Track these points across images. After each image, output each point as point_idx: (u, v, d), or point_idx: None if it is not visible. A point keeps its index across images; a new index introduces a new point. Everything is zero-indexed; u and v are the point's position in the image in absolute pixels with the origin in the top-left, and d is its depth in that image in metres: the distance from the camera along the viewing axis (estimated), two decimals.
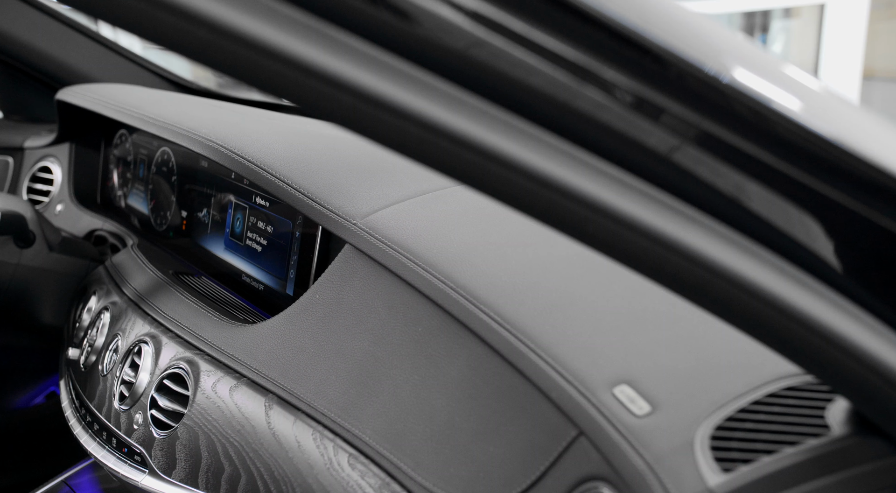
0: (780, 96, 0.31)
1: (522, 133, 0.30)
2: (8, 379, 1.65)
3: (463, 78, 0.30)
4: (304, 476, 0.62)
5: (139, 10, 0.26)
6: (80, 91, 1.21)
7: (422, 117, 0.29)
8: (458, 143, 0.30)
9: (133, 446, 0.77)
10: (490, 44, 0.29)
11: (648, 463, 0.39)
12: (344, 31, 0.28)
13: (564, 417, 0.46)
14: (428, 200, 0.74)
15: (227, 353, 0.74)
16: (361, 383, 0.63)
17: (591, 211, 0.30)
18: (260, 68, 0.27)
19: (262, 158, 0.77)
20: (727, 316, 0.32)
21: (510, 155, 0.30)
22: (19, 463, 1.63)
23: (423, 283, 0.61)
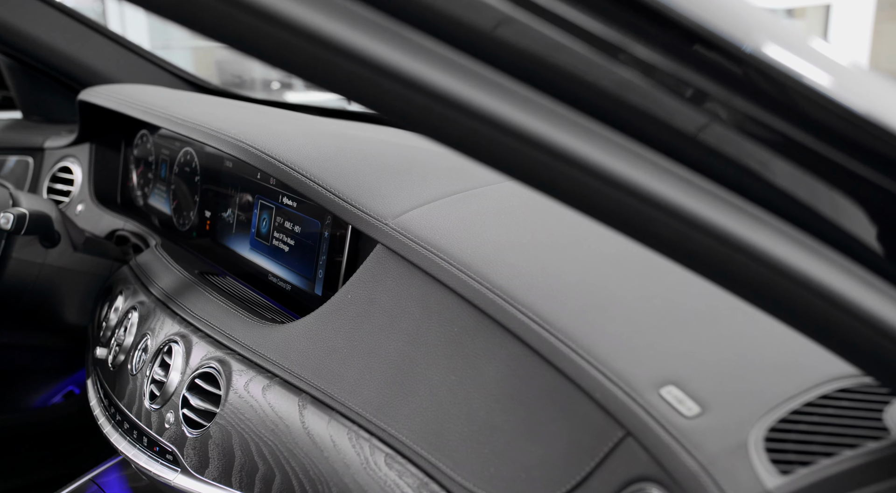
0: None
1: (592, 133, 0.30)
2: (26, 379, 1.66)
3: (533, 77, 0.30)
4: (341, 476, 0.62)
5: (218, 12, 0.26)
6: (102, 92, 1.21)
7: (493, 116, 0.29)
8: (529, 142, 0.29)
9: (164, 444, 0.77)
10: (568, 47, 0.29)
11: (702, 464, 0.38)
12: (417, 31, 0.28)
13: (610, 417, 0.46)
14: (458, 200, 0.74)
15: (259, 352, 0.74)
16: (396, 383, 0.63)
17: (657, 210, 0.30)
18: (337, 70, 0.27)
19: (293, 159, 0.77)
20: (791, 318, 0.32)
21: (582, 155, 0.29)
22: (37, 462, 1.63)
23: (457, 283, 0.61)
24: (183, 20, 0.28)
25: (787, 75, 0.30)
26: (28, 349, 1.62)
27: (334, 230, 0.81)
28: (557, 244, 0.65)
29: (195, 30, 0.28)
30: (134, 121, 1.30)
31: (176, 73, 1.55)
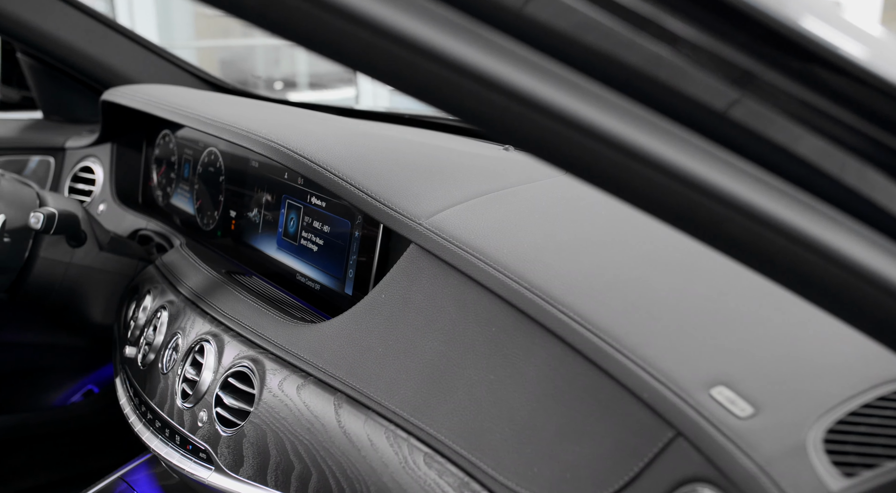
0: None
1: (669, 133, 0.30)
2: (46, 377, 1.66)
3: (603, 74, 0.29)
4: (379, 475, 0.62)
5: (301, 12, 0.26)
6: (127, 92, 1.21)
7: (574, 118, 0.29)
8: (603, 141, 0.29)
9: (198, 443, 0.77)
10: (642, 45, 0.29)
11: (760, 466, 0.38)
12: (497, 31, 0.28)
13: (658, 418, 0.46)
14: (491, 200, 0.74)
15: (292, 352, 0.74)
16: (434, 383, 0.62)
17: (731, 209, 0.30)
18: (418, 71, 0.26)
19: (325, 159, 0.76)
20: (862, 322, 0.31)
21: (660, 155, 0.29)
22: (57, 460, 1.64)
23: (495, 283, 0.61)
24: (259, 20, 0.28)
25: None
26: (48, 348, 1.63)
27: (365, 230, 0.81)
28: (594, 244, 0.65)
29: (275, 31, 0.28)
30: (155, 121, 1.30)
31: (195, 73, 1.55)
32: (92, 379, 1.70)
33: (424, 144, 0.92)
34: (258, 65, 6.36)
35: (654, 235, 0.66)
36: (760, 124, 0.30)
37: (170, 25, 5.12)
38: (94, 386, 1.70)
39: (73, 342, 1.64)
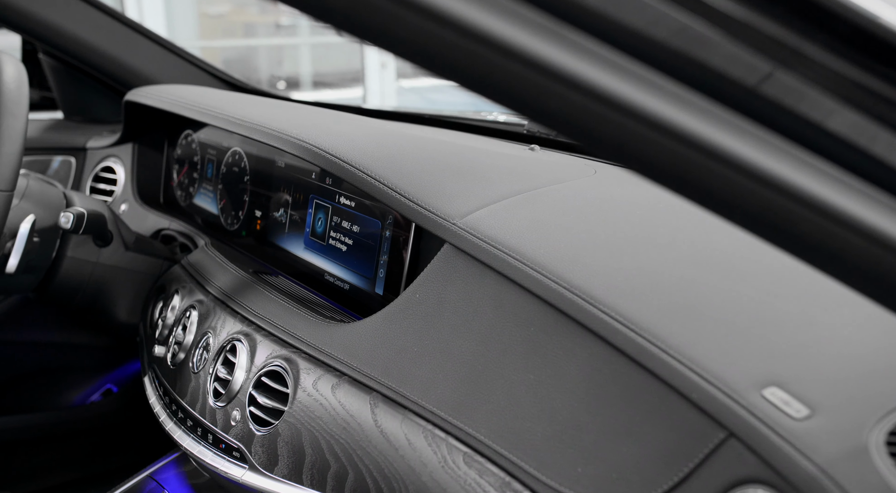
0: None
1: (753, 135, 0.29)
2: (65, 377, 1.67)
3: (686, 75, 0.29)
4: (418, 474, 0.62)
5: (385, 12, 0.26)
6: (150, 92, 1.21)
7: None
8: (687, 143, 0.29)
9: (231, 442, 0.77)
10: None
11: (821, 468, 0.38)
12: (580, 32, 0.27)
13: (709, 418, 0.46)
14: (524, 200, 0.73)
15: (325, 351, 0.74)
16: (472, 383, 0.62)
17: (807, 208, 0.29)
18: (504, 73, 0.26)
19: (358, 159, 0.76)
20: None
21: (741, 154, 0.29)
22: (77, 459, 1.64)
23: (533, 283, 0.61)
24: (341, 22, 0.28)
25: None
26: (67, 348, 1.63)
27: (396, 230, 0.81)
28: (632, 244, 0.64)
29: (355, 33, 0.28)
30: (177, 121, 1.30)
31: (214, 73, 1.56)
32: (111, 379, 1.70)
33: (453, 143, 0.92)
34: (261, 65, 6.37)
35: (691, 235, 0.66)
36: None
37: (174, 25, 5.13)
38: (113, 386, 1.70)
39: (93, 342, 1.64)
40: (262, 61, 6.47)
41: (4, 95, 0.89)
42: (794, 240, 0.31)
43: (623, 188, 0.81)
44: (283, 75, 6.36)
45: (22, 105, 0.90)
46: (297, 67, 6.38)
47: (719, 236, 0.66)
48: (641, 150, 0.29)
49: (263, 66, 6.45)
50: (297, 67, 6.39)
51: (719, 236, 0.66)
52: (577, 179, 0.82)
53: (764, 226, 0.31)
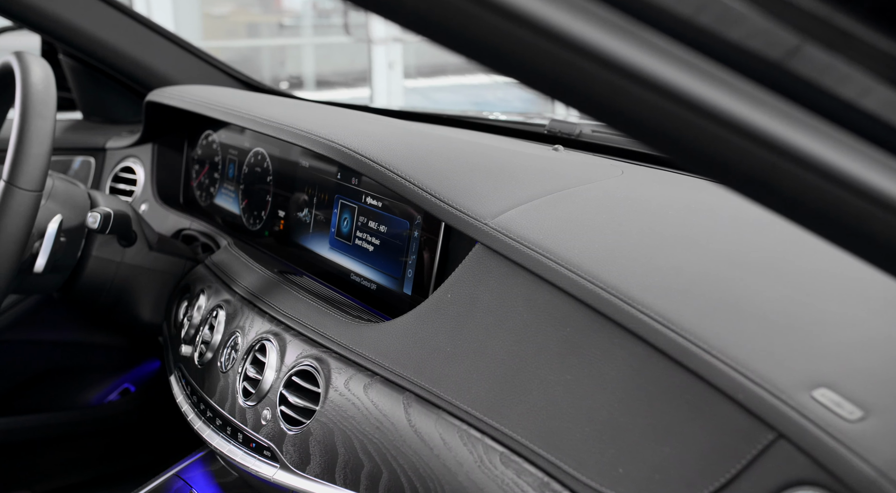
0: None
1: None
2: (83, 376, 1.67)
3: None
4: (454, 474, 0.61)
5: (464, 13, 0.26)
6: (173, 93, 1.21)
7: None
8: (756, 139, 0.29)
9: (262, 441, 0.77)
10: None
11: (880, 470, 0.38)
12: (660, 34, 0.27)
13: (756, 419, 0.45)
14: (555, 200, 0.73)
15: (356, 351, 0.74)
16: (507, 383, 0.62)
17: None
18: (591, 76, 0.26)
19: (387, 159, 0.76)
20: None
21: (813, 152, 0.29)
22: (95, 459, 1.65)
23: (568, 283, 0.61)
24: (414, 23, 0.27)
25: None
26: (84, 347, 1.64)
27: (424, 230, 0.80)
28: (667, 244, 0.64)
29: (431, 35, 0.28)
30: (197, 121, 1.30)
31: (232, 73, 1.56)
32: (128, 378, 1.71)
33: (479, 143, 0.91)
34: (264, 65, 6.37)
35: (726, 235, 0.66)
36: None
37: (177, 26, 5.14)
38: (130, 385, 1.70)
39: (110, 342, 1.65)
40: (264, 62, 6.47)
41: (32, 96, 0.89)
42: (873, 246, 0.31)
43: (652, 188, 0.80)
44: (286, 76, 6.36)
45: (50, 106, 0.90)
46: (300, 68, 6.38)
47: (754, 236, 0.66)
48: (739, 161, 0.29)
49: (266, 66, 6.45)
50: (300, 68, 6.38)
51: (754, 236, 0.66)
52: (605, 180, 0.81)
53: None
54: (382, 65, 5.84)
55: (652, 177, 0.87)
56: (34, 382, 1.61)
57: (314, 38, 6.37)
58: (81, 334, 1.61)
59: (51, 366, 1.61)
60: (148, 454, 1.68)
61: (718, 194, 0.82)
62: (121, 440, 1.66)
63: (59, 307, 1.56)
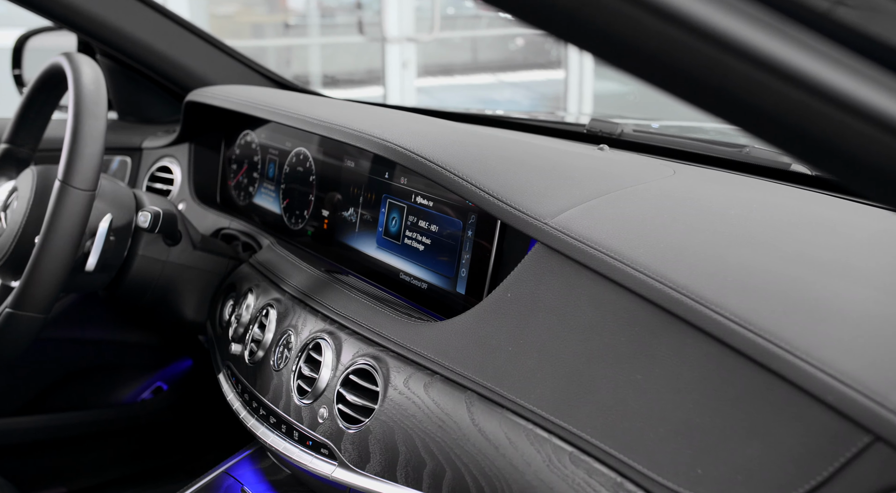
0: None
1: None
2: (116, 375, 1.68)
3: None
4: (522, 473, 0.61)
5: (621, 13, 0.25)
6: (215, 93, 1.21)
7: None
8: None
9: (319, 439, 0.77)
10: None
11: None
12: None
13: (848, 421, 0.45)
14: (614, 199, 0.73)
15: (414, 350, 0.74)
16: (573, 382, 0.62)
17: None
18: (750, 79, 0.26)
19: (444, 159, 0.76)
20: None
21: None
22: (128, 457, 1.65)
23: (635, 283, 0.60)
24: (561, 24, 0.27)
25: None
26: (118, 346, 1.65)
27: (478, 229, 0.80)
28: (732, 243, 0.63)
29: (575, 38, 0.27)
30: (235, 121, 1.30)
31: (265, 73, 1.56)
32: (160, 376, 1.71)
33: (528, 142, 0.91)
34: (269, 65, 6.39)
35: (793, 234, 0.65)
36: None
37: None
38: (162, 383, 1.71)
39: (143, 340, 1.65)
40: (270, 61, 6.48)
41: (85, 97, 0.90)
42: None
43: (708, 188, 0.80)
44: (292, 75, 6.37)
45: (101, 106, 0.90)
46: (306, 67, 6.38)
47: (822, 236, 0.65)
48: None
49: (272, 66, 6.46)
50: (305, 67, 6.39)
51: (822, 236, 0.65)
52: (660, 180, 0.81)
53: None
54: (396, 64, 5.84)
55: (704, 176, 0.86)
56: (70, 380, 1.61)
57: (320, 39, 6.37)
58: (115, 333, 1.62)
59: (85, 364, 1.62)
60: (180, 452, 1.68)
61: (776, 193, 0.82)
62: (153, 438, 1.67)
63: (93, 306, 1.57)
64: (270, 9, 6.72)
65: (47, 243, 0.85)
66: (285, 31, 6.57)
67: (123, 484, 1.61)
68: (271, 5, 6.74)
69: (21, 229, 0.95)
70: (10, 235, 0.96)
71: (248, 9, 6.44)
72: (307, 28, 6.42)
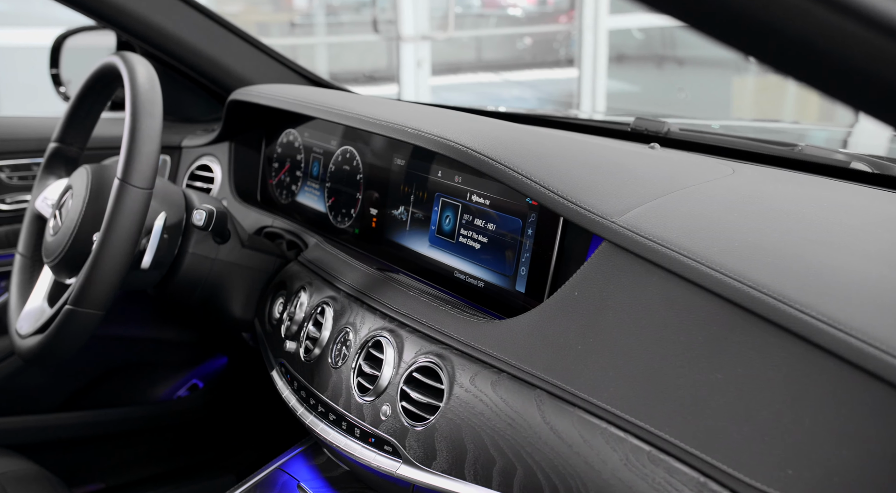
0: None
1: None
2: (153, 372, 1.69)
3: None
4: (598, 472, 0.61)
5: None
6: (262, 92, 1.21)
7: None
8: None
9: (382, 436, 0.77)
10: None
11: None
12: None
13: None
14: (680, 198, 0.72)
15: (479, 348, 0.73)
16: (648, 381, 0.61)
17: None
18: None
19: (507, 157, 0.75)
20: None
21: None
22: (165, 453, 1.66)
23: (712, 282, 0.59)
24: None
25: None
26: (155, 343, 1.65)
27: (540, 228, 0.80)
28: (810, 242, 0.63)
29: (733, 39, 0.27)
30: (276, 120, 1.30)
31: (303, 73, 1.56)
32: (196, 374, 1.72)
33: (583, 141, 0.90)
34: None
35: (872, 233, 0.64)
36: None
37: None
38: (198, 381, 1.71)
39: (180, 338, 1.66)
40: None
41: (141, 96, 0.90)
42: None
43: (772, 186, 0.79)
44: None
45: (157, 105, 0.90)
46: (313, 66, 6.40)
47: None
48: None
49: None
50: (312, 66, 6.40)
51: None
52: (721, 178, 0.80)
53: None
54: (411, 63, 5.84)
55: (765, 175, 0.85)
56: (108, 377, 1.62)
57: (325, 38, 6.36)
58: (152, 330, 1.63)
59: (123, 361, 1.63)
60: (214, 449, 1.69)
61: (840, 191, 0.81)
62: (189, 435, 1.68)
63: (131, 303, 1.57)
64: (276, 7, 6.73)
65: (107, 241, 0.85)
66: (291, 30, 6.57)
67: (159, 481, 1.62)
68: (277, 4, 6.74)
69: (77, 227, 0.95)
70: (66, 234, 0.96)
71: (254, 7, 6.44)
72: (313, 27, 6.42)
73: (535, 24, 7.50)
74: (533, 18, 7.56)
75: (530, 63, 7.10)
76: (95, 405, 1.60)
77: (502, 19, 7.47)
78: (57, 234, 0.99)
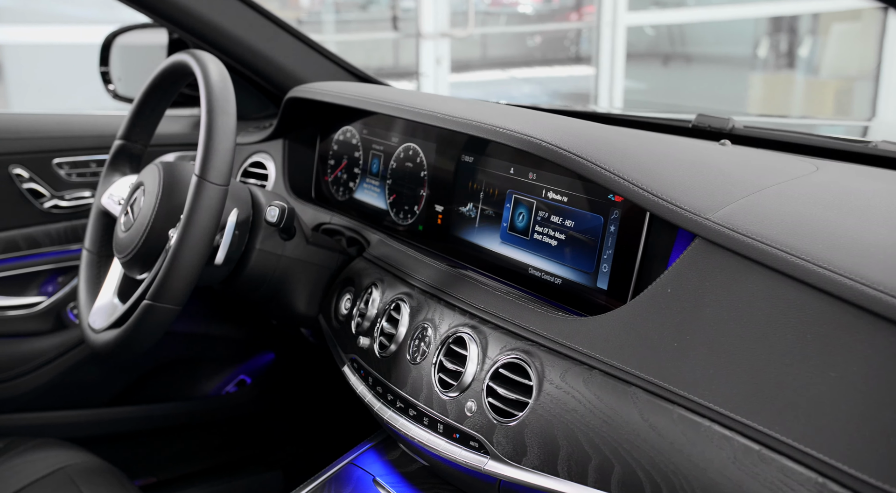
0: None
1: None
2: (202, 368, 1.69)
3: None
4: (703, 470, 0.60)
5: None
6: (324, 89, 1.21)
7: None
8: None
9: (468, 432, 0.76)
10: None
11: None
12: None
13: None
14: (772, 194, 0.71)
15: (568, 345, 0.73)
16: (754, 380, 0.60)
17: None
18: None
19: (594, 155, 0.75)
20: None
21: None
22: (213, 448, 1.67)
23: (820, 280, 0.58)
24: None
25: None
26: (205, 339, 1.66)
27: (623, 224, 0.79)
28: None
29: None
30: (331, 118, 1.30)
31: (356, 72, 1.55)
32: (244, 370, 1.72)
33: (659, 138, 0.89)
34: None
35: None
36: None
37: None
38: (246, 376, 1.72)
39: (229, 334, 1.66)
40: None
41: (215, 94, 0.90)
42: None
43: (861, 183, 0.77)
44: None
45: (230, 102, 0.90)
46: None
47: None
48: None
49: None
50: None
51: None
52: (808, 175, 0.79)
53: None
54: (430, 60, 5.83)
55: (849, 172, 0.84)
56: (159, 372, 1.63)
57: (334, 36, 6.36)
58: (202, 326, 1.63)
59: (174, 356, 1.64)
60: (261, 445, 1.69)
61: None
62: (238, 430, 1.68)
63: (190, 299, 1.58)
64: (282, 5, 6.73)
65: (186, 237, 0.85)
66: (298, 28, 6.56)
67: (208, 475, 1.63)
68: (283, 2, 6.74)
69: (151, 224, 0.95)
70: (139, 230, 0.96)
71: (260, 4, 6.43)
72: (321, 25, 6.42)
73: (545, 22, 7.48)
74: (542, 16, 7.55)
75: (541, 61, 7.07)
76: (146, 401, 1.60)
77: (512, 17, 7.45)
78: (129, 230, 0.99)
